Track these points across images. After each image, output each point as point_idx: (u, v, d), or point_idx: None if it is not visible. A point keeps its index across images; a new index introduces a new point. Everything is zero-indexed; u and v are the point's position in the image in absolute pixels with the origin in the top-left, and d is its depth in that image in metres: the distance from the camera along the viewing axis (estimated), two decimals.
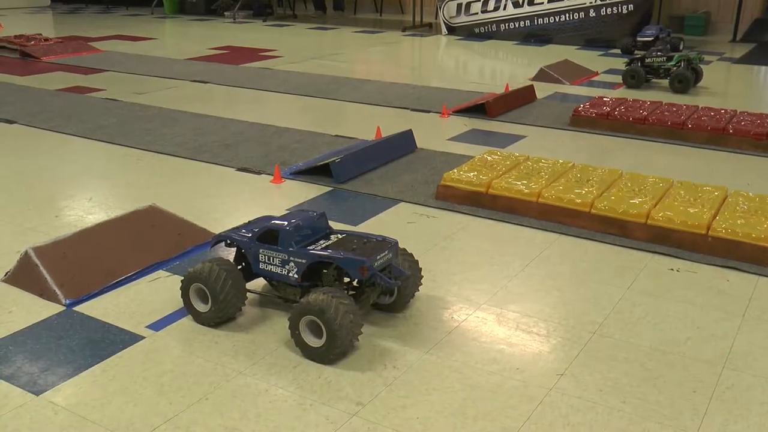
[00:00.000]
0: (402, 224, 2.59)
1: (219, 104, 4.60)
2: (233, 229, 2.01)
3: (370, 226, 2.56)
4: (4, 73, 5.59)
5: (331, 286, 1.85)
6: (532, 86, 4.77)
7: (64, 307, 2.01)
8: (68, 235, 2.25)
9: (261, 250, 1.91)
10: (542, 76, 5.40)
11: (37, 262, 2.10)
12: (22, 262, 2.13)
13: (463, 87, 5.09)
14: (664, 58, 5.08)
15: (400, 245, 2.06)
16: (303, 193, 2.90)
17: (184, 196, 2.88)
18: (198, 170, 3.23)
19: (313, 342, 1.73)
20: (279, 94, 4.92)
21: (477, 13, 7.99)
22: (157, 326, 1.92)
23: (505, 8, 7.81)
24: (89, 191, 2.99)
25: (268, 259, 1.90)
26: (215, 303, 1.85)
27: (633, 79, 5.10)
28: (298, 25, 9.16)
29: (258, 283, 2.09)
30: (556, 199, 2.63)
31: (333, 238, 1.93)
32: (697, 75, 5.04)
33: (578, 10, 7.50)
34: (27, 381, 1.68)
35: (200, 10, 10.29)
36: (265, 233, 1.90)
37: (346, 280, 1.92)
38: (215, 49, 6.97)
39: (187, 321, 1.94)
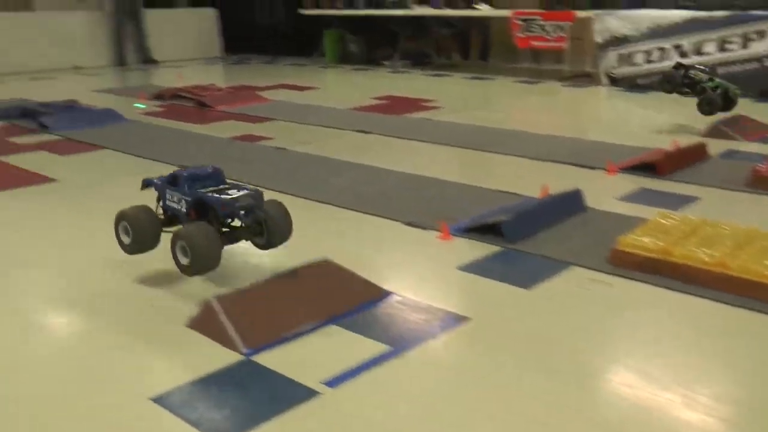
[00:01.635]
0: (576, 290, 2.51)
1: (381, 154, 4.70)
2: (158, 177, 2.72)
3: (543, 290, 2.50)
4: (184, 122, 5.99)
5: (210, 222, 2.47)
6: (704, 143, 4.55)
7: (243, 357, 2.08)
8: (247, 286, 2.34)
9: (167, 190, 2.61)
10: (714, 132, 5.14)
11: (219, 310, 2.20)
12: (204, 309, 2.24)
13: (627, 141, 4.94)
14: (708, 76, 5.15)
15: (577, 312, 2.03)
16: (472, 251, 2.88)
17: (352, 249, 2.94)
18: (363, 222, 3.30)
19: (184, 261, 2.37)
20: (439, 145, 4.96)
21: (640, 64, 7.77)
22: (332, 383, 1.94)
23: (670, 59, 7.54)
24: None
25: (171, 198, 2.59)
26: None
27: (668, 84, 5.21)
28: (455, 74, 9.27)
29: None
30: (743, 270, 2.46)
31: (222, 188, 2.56)
32: (728, 104, 5.18)
33: (752, 60, 7.13)
34: (211, 427, 1.75)
35: (360, 59, 10.66)
36: (171, 178, 2.60)
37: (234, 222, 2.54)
38: (376, 98, 7.16)
39: (364, 377, 1.95)
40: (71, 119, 5.82)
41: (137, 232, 2.54)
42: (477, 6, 9.34)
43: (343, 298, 2.36)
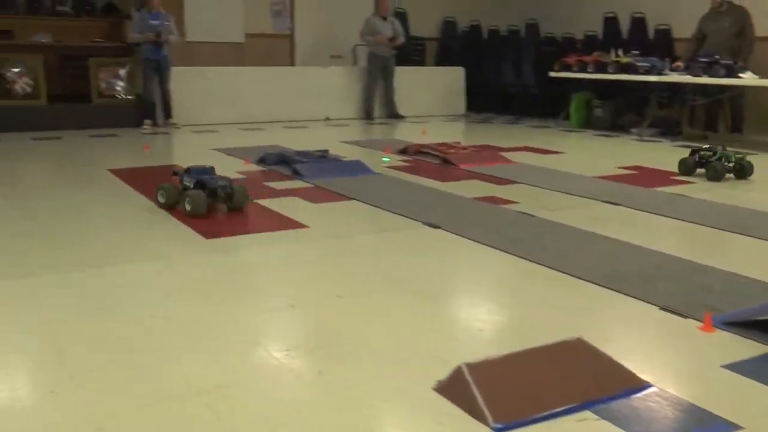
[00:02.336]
0: None
1: (631, 229, 4.51)
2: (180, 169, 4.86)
3: None
4: (429, 178, 6.19)
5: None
6: None
7: (492, 431, 2.05)
8: (498, 356, 2.33)
9: (184, 176, 4.80)
10: None
11: (470, 379, 2.20)
12: (454, 376, 2.25)
13: None
14: (711, 152, 6.38)
15: None
16: (737, 349, 2.65)
17: (601, 330, 2.83)
18: (613, 302, 3.17)
19: (188, 207, 4.55)
20: (694, 225, 4.68)
21: None
22: None
23: None
24: (501, 305, 3.10)
25: (186, 180, 4.78)
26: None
27: (684, 166, 6.52)
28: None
29: None
30: None
31: (212, 176, 4.76)
32: (743, 170, 6.29)
33: None
34: None
35: (606, 125, 10.43)
36: (187, 170, 4.84)
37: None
38: (623, 168, 6.94)
39: None
40: (323, 168, 6.22)
41: (167, 195, 4.78)
42: (742, 75, 8.79)
43: (598, 383, 2.27)
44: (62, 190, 5.62)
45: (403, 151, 7.55)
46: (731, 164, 6.30)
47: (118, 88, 10.08)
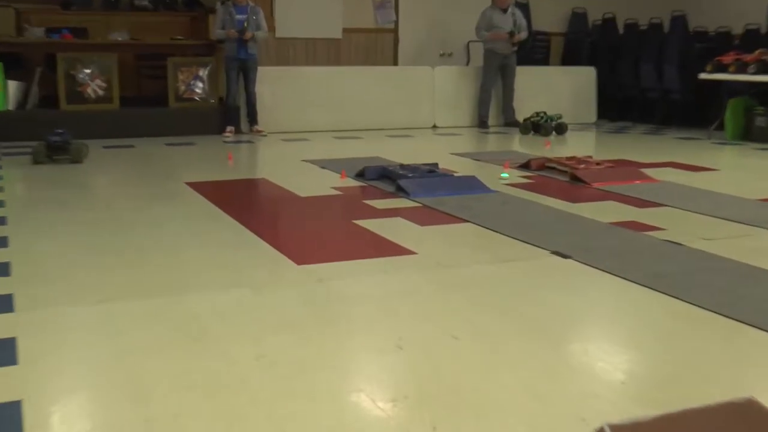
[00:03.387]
0: None
1: None
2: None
3: None
4: (555, 197, 6.10)
5: None
6: None
7: None
8: (648, 417, 2.24)
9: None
10: None
11: None
12: None
13: None
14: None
15: None
16: None
17: None
18: None
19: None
20: None
21: None
22: None
23: None
24: (648, 354, 2.99)
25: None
26: None
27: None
28: None
29: None
30: None
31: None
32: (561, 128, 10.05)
33: None
34: None
35: None
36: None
37: None
38: None
39: None
40: (431, 185, 6.22)
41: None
42: None
43: None
44: (135, 206, 5.82)
45: (525, 166, 7.47)
46: (553, 123, 10.35)
47: (199, 91, 10.40)
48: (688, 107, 11.72)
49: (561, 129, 10.73)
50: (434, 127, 11.36)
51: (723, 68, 10.34)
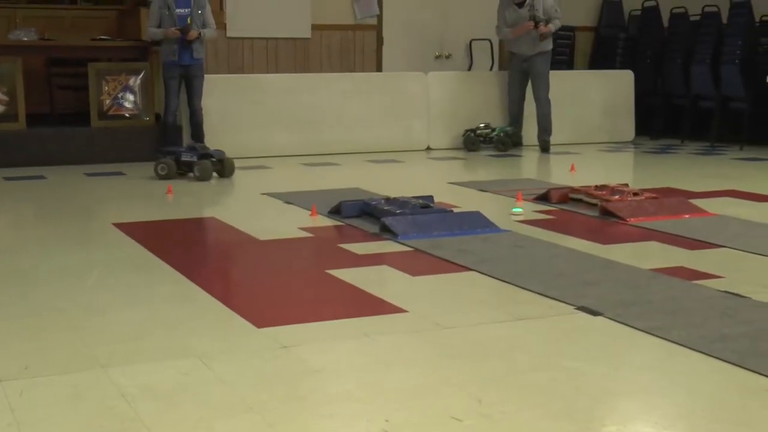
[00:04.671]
0: None
1: None
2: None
3: None
4: (581, 238, 6.16)
5: None
6: None
7: None
8: None
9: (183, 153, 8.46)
10: None
11: None
12: None
13: None
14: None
15: None
16: None
17: None
18: None
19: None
20: None
21: None
22: None
23: None
24: None
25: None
26: None
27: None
28: None
29: None
30: None
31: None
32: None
33: None
34: None
35: None
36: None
37: None
38: None
39: None
40: (424, 224, 6.28)
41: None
42: None
43: None
44: (45, 253, 5.83)
45: (543, 198, 7.54)
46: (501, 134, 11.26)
47: (129, 106, 10.44)
48: (754, 119, 11.82)
49: (508, 143, 11.44)
50: (428, 149, 11.44)
51: None
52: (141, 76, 10.45)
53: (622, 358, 3.88)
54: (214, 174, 8.89)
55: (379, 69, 12.60)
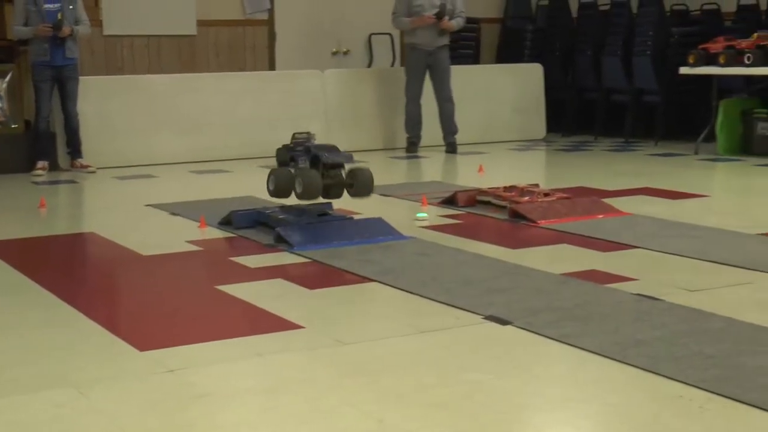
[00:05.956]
0: None
1: None
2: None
3: None
4: (490, 243, 6.23)
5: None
6: None
7: None
8: None
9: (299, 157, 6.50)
10: None
11: None
12: None
13: None
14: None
15: None
16: None
17: None
18: None
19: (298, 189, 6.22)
20: None
21: None
22: None
23: None
24: None
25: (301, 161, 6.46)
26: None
27: None
28: None
29: None
30: None
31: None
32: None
33: None
34: None
35: None
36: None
37: None
38: None
39: None
40: (322, 233, 6.27)
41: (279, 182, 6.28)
42: None
43: None
44: None
45: (450, 201, 7.59)
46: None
47: None
48: (668, 113, 12.06)
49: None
50: None
51: (711, 59, 10.70)
52: (7, 79, 10.26)
53: (533, 369, 3.93)
54: None
55: (271, 67, 12.58)
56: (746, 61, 10.31)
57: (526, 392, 3.68)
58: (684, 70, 10.89)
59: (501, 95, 12.52)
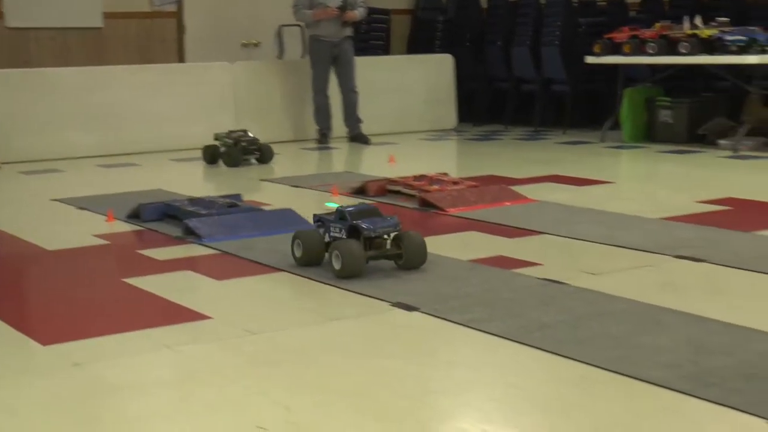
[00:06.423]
0: None
1: (728, 300, 4.60)
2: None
3: None
4: None
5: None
6: None
7: None
8: None
9: (331, 224, 5.20)
10: None
11: None
12: None
13: None
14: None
15: None
16: None
17: None
18: (701, 416, 3.21)
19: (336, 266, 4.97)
20: None
21: None
22: None
23: None
24: None
25: (335, 229, 5.17)
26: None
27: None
28: None
29: None
30: None
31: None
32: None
33: None
34: None
35: (679, 137, 10.61)
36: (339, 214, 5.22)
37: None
38: (707, 202, 7.07)
39: None
40: (232, 224, 6.25)
41: (307, 248, 5.25)
42: None
43: None
44: None
45: (360, 191, 7.61)
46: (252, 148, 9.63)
47: None
48: (576, 102, 12.23)
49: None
50: None
51: (616, 49, 10.86)
52: None
53: (440, 354, 3.96)
54: None
55: (181, 59, 12.52)
56: (649, 51, 10.48)
57: (433, 377, 3.70)
58: (590, 59, 11.04)
59: (412, 86, 12.57)
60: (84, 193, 8.08)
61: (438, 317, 4.35)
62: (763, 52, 9.72)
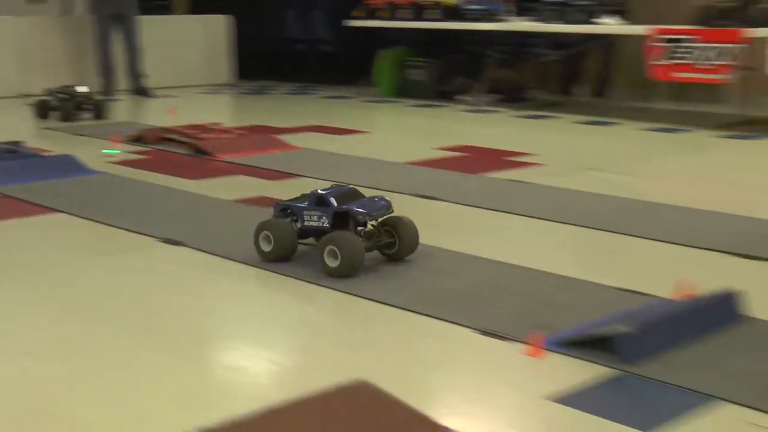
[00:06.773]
0: None
1: (455, 232, 4.79)
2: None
3: None
4: (170, 175, 6.24)
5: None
6: None
7: None
8: (249, 414, 2.42)
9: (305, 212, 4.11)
10: None
11: None
12: None
13: None
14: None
15: None
16: (573, 375, 2.90)
17: (400, 367, 3.00)
18: (427, 331, 3.36)
19: (333, 264, 3.85)
20: (538, 220, 5.04)
21: None
22: None
23: None
24: (265, 346, 3.20)
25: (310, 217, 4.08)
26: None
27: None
28: (562, 117, 9.41)
29: None
30: None
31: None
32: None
33: None
34: None
35: (427, 93, 10.89)
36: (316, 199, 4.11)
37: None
38: (447, 149, 7.32)
39: None
40: (12, 169, 6.06)
41: (279, 241, 4.07)
42: (601, 21, 9.47)
43: None
44: None
45: (138, 139, 7.52)
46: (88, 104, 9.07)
47: None
48: (338, 61, 12.40)
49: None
50: (23, 95, 10.95)
51: (372, 14, 11.07)
52: None
53: (203, 286, 3.98)
54: None
55: None
56: (400, 17, 10.78)
57: (198, 308, 3.70)
58: (351, 23, 11.19)
59: (192, 43, 12.49)
60: None
61: (201, 250, 4.38)
62: (499, 20, 10.11)
